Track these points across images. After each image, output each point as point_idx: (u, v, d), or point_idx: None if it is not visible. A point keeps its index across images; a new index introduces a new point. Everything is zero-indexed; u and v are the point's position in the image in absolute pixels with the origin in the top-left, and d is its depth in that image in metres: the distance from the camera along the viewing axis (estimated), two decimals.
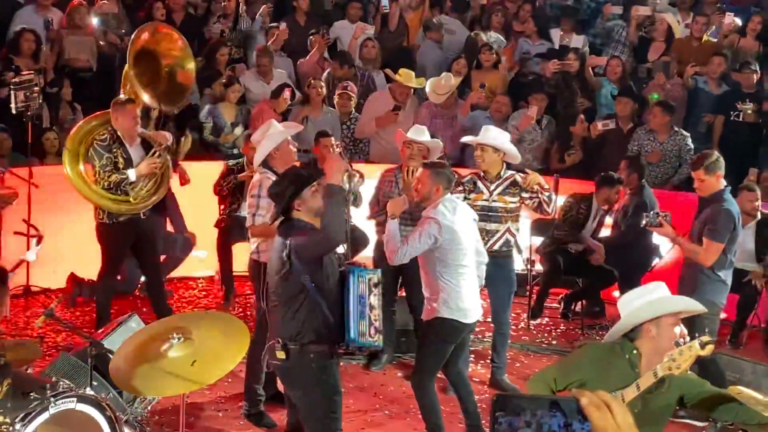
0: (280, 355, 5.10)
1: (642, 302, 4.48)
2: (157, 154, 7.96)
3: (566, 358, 4.50)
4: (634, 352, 4.41)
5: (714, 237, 6.91)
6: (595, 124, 10.39)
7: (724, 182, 7.10)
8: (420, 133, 7.79)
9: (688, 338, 4.41)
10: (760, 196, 8.75)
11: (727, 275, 7.15)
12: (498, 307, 7.73)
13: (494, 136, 7.66)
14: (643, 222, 7.27)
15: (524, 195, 7.57)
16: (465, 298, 6.41)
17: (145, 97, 8.01)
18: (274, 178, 6.59)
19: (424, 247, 6.37)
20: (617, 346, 4.48)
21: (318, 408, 5.23)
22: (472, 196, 7.53)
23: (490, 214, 7.49)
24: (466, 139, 8.12)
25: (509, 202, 7.51)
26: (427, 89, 10.70)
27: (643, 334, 4.44)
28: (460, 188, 7.53)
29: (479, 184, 7.58)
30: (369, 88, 11.18)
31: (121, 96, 8.01)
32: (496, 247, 7.47)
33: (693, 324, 7.12)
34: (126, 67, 8.11)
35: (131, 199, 7.88)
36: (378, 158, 10.28)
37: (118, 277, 8.75)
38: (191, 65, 8.29)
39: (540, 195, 7.49)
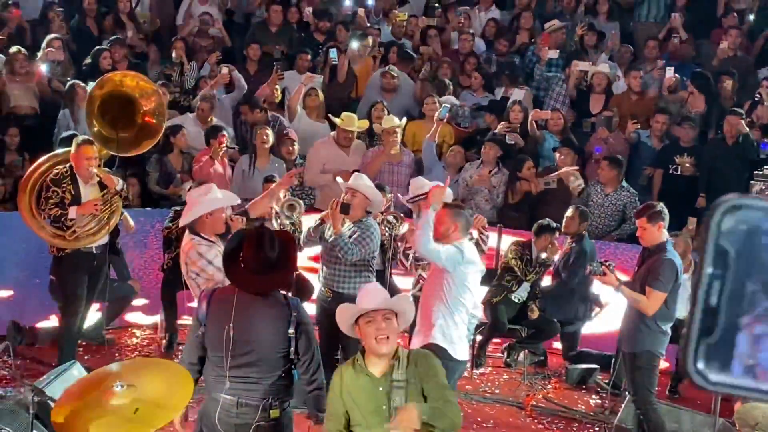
0: (275, 413, 5.14)
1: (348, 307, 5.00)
2: (106, 196, 8.06)
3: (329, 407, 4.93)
4: (359, 359, 4.87)
5: (656, 286, 7.05)
6: (538, 181, 10.48)
7: (666, 234, 7.24)
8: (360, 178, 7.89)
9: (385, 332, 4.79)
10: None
11: (667, 326, 7.28)
12: None
13: (422, 185, 7.86)
14: (587, 270, 7.39)
15: None
16: (458, 335, 6.50)
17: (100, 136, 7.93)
18: (205, 243, 6.58)
19: (446, 262, 6.48)
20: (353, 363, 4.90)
21: None
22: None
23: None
24: (411, 192, 8.19)
25: None
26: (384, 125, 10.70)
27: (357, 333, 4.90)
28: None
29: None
30: (281, 134, 11.08)
31: (81, 136, 8.11)
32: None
33: (633, 372, 7.27)
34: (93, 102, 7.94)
35: (66, 235, 8.01)
36: (325, 206, 10.28)
37: None
38: (164, 114, 8.26)
39: (480, 236, 7.62)
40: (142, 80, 8.17)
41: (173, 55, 11.84)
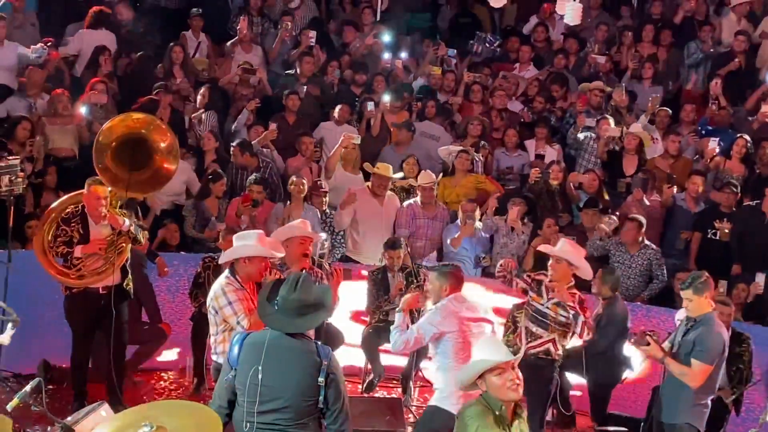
0: None
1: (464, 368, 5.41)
2: (113, 237, 8.17)
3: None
4: (502, 407, 5.06)
5: (704, 359, 6.86)
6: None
7: (713, 303, 7.11)
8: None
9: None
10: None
11: (707, 399, 7.09)
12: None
13: (569, 250, 7.80)
14: (631, 341, 7.21)
15: (570, 315, 7.66)
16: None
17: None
18: (236, 285, 6.63)
19: (423, 334, 6.61)
20: (484, 407, 5.08)
21: None
22: (533, 295, 7.76)
23: (539, 317, 7.68)
24: (543, 248, 8.24)
25: (560, 315, 7.64)
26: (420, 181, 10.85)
27: (482, 386, 5.14)
28: (532, 284, 7.83)
29: (542, 288, 7.78)
30: (272, 178, 11.25)
31: (93, 177, 8.16)
32: (533, 351, 7.68)
33: None
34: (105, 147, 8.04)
35: (71, 274, 8.17)
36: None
37: None
38: (177, 156, 8.35)
39: (576, 319, 7.59)
40: (147, 118, 8.28)
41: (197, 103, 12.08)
